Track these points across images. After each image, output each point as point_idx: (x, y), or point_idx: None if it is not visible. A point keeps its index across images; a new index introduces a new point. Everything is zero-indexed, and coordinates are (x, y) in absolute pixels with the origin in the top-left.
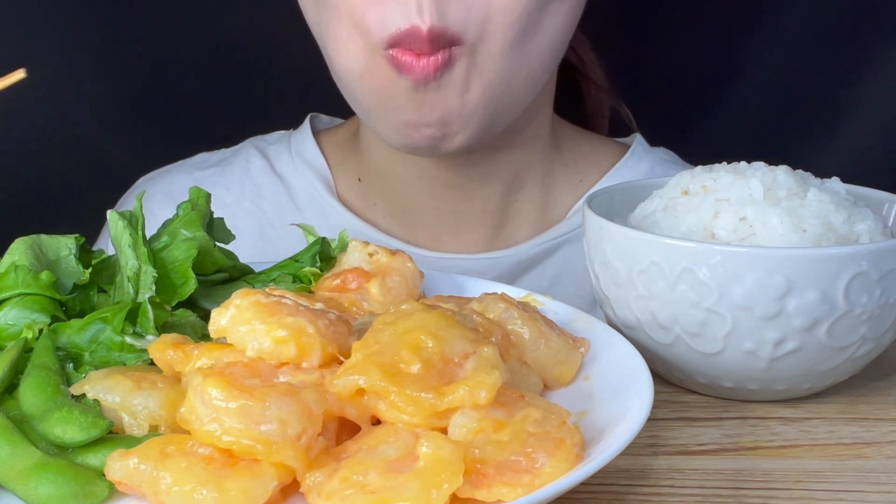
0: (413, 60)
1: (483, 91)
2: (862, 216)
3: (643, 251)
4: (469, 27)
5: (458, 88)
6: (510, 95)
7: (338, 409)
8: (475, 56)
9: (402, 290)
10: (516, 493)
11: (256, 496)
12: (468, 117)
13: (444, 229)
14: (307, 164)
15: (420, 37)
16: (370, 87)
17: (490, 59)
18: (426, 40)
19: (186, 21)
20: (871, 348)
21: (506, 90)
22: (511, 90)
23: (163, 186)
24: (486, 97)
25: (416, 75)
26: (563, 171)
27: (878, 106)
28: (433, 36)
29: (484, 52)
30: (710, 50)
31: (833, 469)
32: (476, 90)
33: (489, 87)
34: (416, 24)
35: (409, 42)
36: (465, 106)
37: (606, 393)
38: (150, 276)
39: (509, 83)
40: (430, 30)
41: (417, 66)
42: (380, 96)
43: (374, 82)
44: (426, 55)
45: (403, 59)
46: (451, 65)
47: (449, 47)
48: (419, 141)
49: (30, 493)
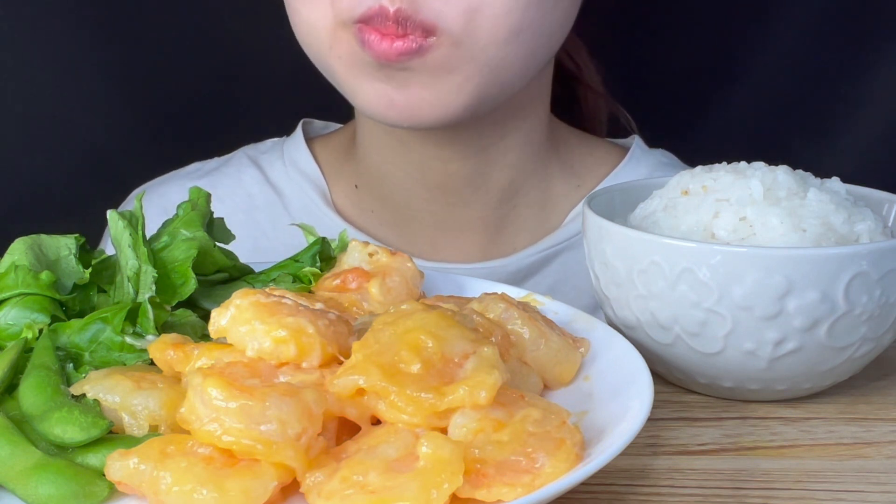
0: (377, 39)
1: (470, 76)
2: (862, 216)
3: (643, 251)
4: (448, 18)
5: (433, 72)
6: (501, 83)
7: (338, 409)
8: (461, 46)
9: (402, 290)
10: (516, 493)
11: (256, 496)
12: (450, 96)
13: (441, 237)
14: (301, 172)
15: (387, 16)
16: (339, 55)
17: (481, 50)
18: (392, 20)
19: (186, 21)
20: (871, 348)
21: (497, 78)
22: (504, 80)
23: (154, 200)
24: (473, 82)
25: (376, 53)
26: (560, 175)
27: (878, 106)
28: (399, 18)
29: (473, 43)
30: (709, 50)
31: (833, 469)
32: (462, 74)
33: (480, 76)
34: (385, 5)
35: (375, 21)
36: (444, 85)
37: (606, 393)
38: (150, 276)
39: (501, 72)
40: (397, 11)
41: (379, 45)
42: (348, 65)
43: (342, 52)
44: (390, 37)
45: (367, 36)
46: (423, 53)
47: (422, 35)
48: (394, 112)
49: (30, 493)
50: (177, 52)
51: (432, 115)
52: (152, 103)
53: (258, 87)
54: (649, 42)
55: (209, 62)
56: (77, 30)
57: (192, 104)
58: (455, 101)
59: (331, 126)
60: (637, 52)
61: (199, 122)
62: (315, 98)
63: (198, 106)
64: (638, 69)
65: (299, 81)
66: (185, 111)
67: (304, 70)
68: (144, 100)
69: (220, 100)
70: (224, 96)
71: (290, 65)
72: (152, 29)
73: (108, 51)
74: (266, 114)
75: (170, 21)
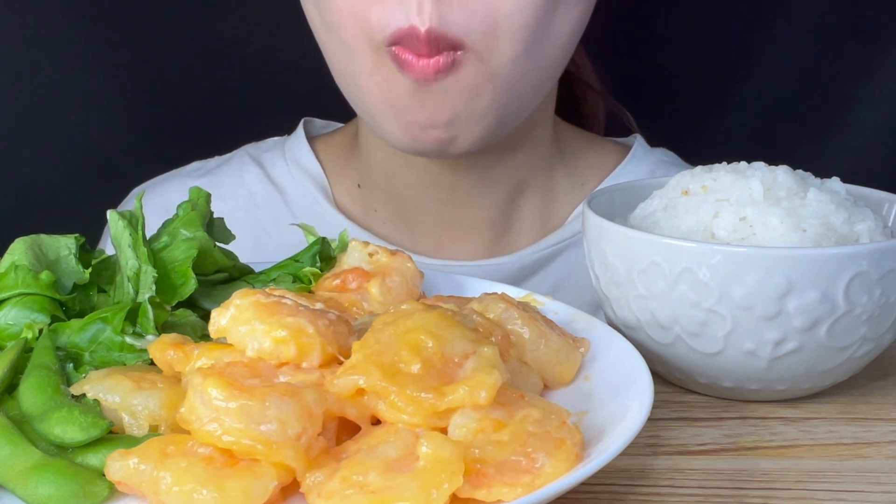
0: (413, 59)
1: (493, 97)
2: (862, 216)
3: (643, 251)
4: (473, 33)
5: (466, 92)
6: (520, 100)
7: (338, 409)
8: (485, 63)
9: (402, 290)
10: (516, 493)
11: (256, 496)
12: (476, 121)
13: (444, 235)
14: (303, 171)
15: (418, 37)
16: (377, 83)
17: (501, 66)
18: (424, 41)
19: (186, 21)
20: (871, 348)
21: (517, 95)
22: (522, 95)
23: (155, 199)
24: (496, 102)
25: (416, 73)
26: (564, 175)
27: (878, 106)
28: (431, 37)
29: (494, 60)
30: (710, 50)
31: (833, 469)
32: (486, 95)
33: (500, 94)
34: (415, 25)
35: (407, 42)
36: (474, 110)
37: (606, 393)
38: (150, 276)
39: (520, 88)
40: (429, 31)
41: (417, 65)
42: (386, 93)
43: (380, 77)
44: (426, 57)
45: (404, 57)
46: (457, 69)
47: (451, 51)
48: (426, 143)
49: (30, 493)
50: (177, 52)
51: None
52: (153, 102)
53: (259, 86)
54: (650, 42)
55: (210, 61)
56: (78, 30)
57: (192, 103)
58: (482, 125)
59: (332, 125)
60: (638, 52)
61: (200, 121)
62: (316, 97)
63: (198, 105)
64: (639, 68)
65: (300, 80)
66: (186, 110)
67: (305, 69)
68: (145, 99)
69: (221, 99)
70: (225, 95)
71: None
72: (153, 28)
73: (108, 50)
74: (267, 113)
75: (170, 20)
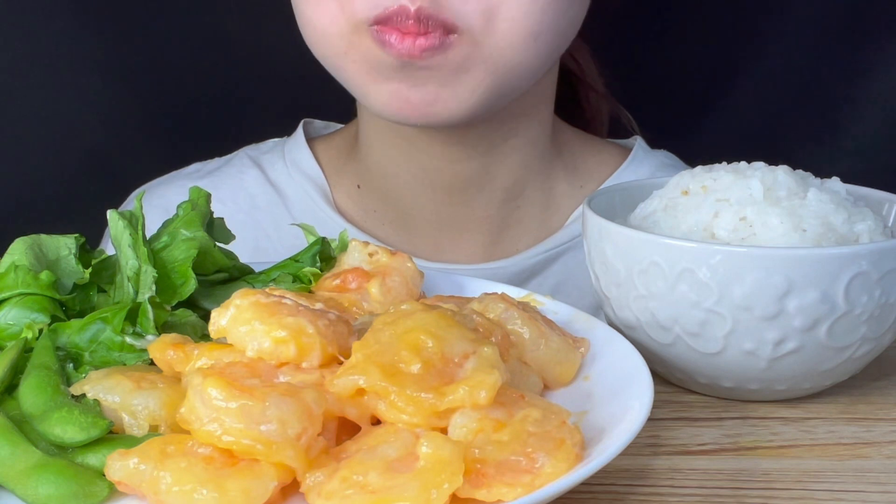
0: (397, 39)
1: (486, 76)
2: (862, 216)
3: (643, 251)
4: (467, 16)
5: (452, 70)
6: (515, 83)
7: (338, 409)
8: (480, 46)
9: (402, 290)
10: (516, 493)
11: (256, 496)
12: (465, 94)
13: (443, 237)
14: (302, 172)
15: (407, 14)
16: (354, 60)
17: (497, 51)
18: (413, 18)
19: (186, 21)
20: (871, 348)
21: (512, 79)
22: (517, 79)
23: (154, 200)
24: (488, 82)
25: (398, 51)
26: (563, 176)
27: (878, 106)
28: (421, 16)
29: (491, 45)
30: (710, 51)
31: (833, 469)
32: (478, 74)
33: (494, 76)
34: (405, 4)
35: (395, 20)
36: (462, 84)
37: (606, 393)
38: (150, 276)
39: (516, 73)
40: (419, 10)
41: (401, 44)
42: (366, 68)
43: (358, 56)
44: (412, 35)
45: (387, 37)
46: (445, 50)
47: (443, 33)
48: (409, 111)
49: (30, 493)
50: (177, 52)
51: (446, 113)
52: (153, 103)
53: (259, 88)
54: (651, 43)
55: (210, 62)
56: (78, 30)
57: (192, 104)
58: (469, 100)
59: (332, 126)
60: (639, 53)
61: (200, 123)
62: (316, 98)
63: (198, 106)
64: (640, 70)
65: (300, 81)
66: (186, 111)
67: (305, 70)
68: (145, 100)
69: (221, 100)
70: (225, 96)
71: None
72: (153, 29)
73: (108, 51)
74: (266, 114)
75: (170, 21)
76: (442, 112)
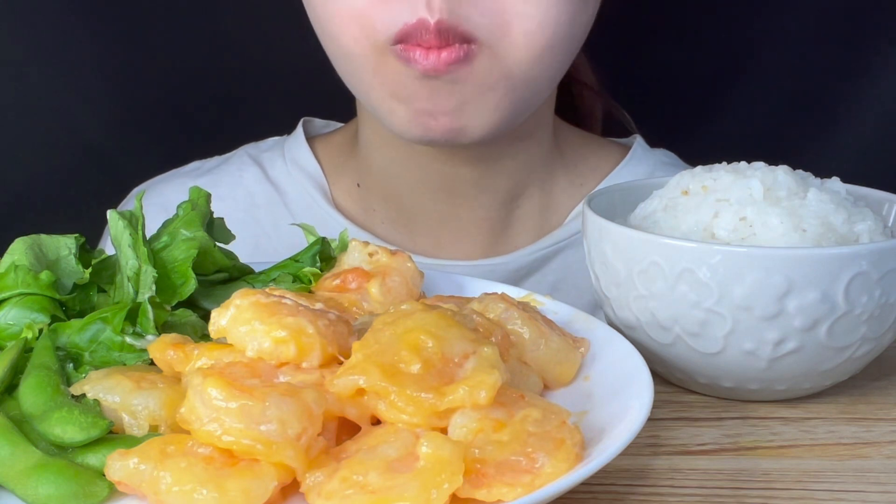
0: (421, 55)
1: (506, 93)
2: (862, 216)
3: (643, 251)
4: (483, 28)
5: (478, 85)
6: (533, 96)
7: (338, 409)
8: (499, 60)
9: (402, 290)
10: (516, 493)
11: (256, 496)
12: (488, 113)
13: (443, 235)
14: (302, 171)
15: (428, 29)
16: (382, 82)
17: (517, 66)
18: (434, 33)
19: (186, 20)
20: (871, 348)
21: (531, 93)
22: (535, 92)
23: (154, 199)
24: (508, 98)
25: (425, 67)
26: (563, 174)
27: (878, 106)
28: (441, 28)
29: (510, 59)
30: (710, 50)
31: (833, 469)
32: (500, 91)
33: (514, 91)
34: (424, 17)
35: (416, 36)
36: (486, 102)
37: (606, 393)
38: (150, 276)
39: (535, 86)
40: (439, 22)
41: (426, 60)
42: (392, 87)
43: (386, 76)
44: (435, 49)
45: (411, 55)
46: (470, 61)
47: (463, 43)
48: (435, 131)
49: (30, 493)
50: (177, 51)
51: (471, 133)
52: (152, 102)
53: (258, 86)
54: (651, 43)
55: (210, 61)
56: (78, 30)
57: (192, 103)
58: (492, 118)
59: (331, 125)
60: (639, 53)
61: (200, 121)
62: (315, 96)
63: (198, 105)
64: (640, 70)
65: (300, 80)
66: (186, 110)
67: (305, 69)
68: (144, 99)
69: (221, 98)
70: (225, 95)
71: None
72: (153, 28)
73: (108, 50)
74: (266, 112)
75: (170, 20)
76: (466, 132)
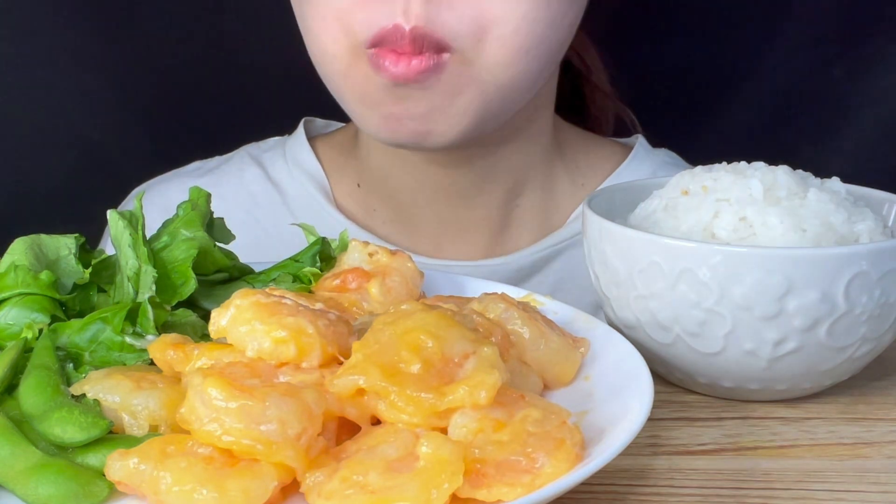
0: (391, 63)
1: (474, 97)
2: (862, 216)
3: (643, 251)
4: (460, 36)
5: (446, 92)
6: (505, 101)
7: (338, 409)
8: (470, 66)
9: (402, 290)
10: (516, 493)
11: (256, 496)
12: (456, 119)
13: (444, 236)
14: (303, 170)
15: (402, 35)
16: (351, 87)
17: (486, 71)
18: (408, 40)
19: (187, 20)
20: (871, 348)
21: (502, 97)
22: (507, 96)
23: (155, 199)
24: (477, 102)
25: (393, 75)
26: (564, 174)
27: (878, 106)
28: (415, 36)
29: (480, 64)
30: (711, 51)
31: (833, 469)
32: (468, 95)
33: (483, 95)
34: (400, 23)
35: (390, 41)
36: (454, 108)
37: (606, 393)
38: (150, 276)
39: (508, 91)
40: (413, 29)
41: (395, 69)
42: (361, 93)
43: (356, 81)
44: (407, 56)
45: (381, 61)
46: (440, 71)
47: (436, 52)
48: (402, 135)
49: (30, 493)
50: (178, 51)
51: (438, 138)
52: (153, 102)
53: (259, 86)
54: (652, 42)
55: (210, 61)
56: (78, 29)
57: (193, 103)
58: (460, 123)
59: (332, 125)
60: (641, 53)
61: (201, 121)
62: (316, 97)
63: (199, 105)
64: (641, 69)
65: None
66: (186, 110)
67: (305, 68)
68: (145, 99)
69: (221, 98)
70: (225, 95)
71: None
72: (153, 27)
73: (108, 49)
74: (267, 112)
75: (171, 20)
76: (434, 137)
